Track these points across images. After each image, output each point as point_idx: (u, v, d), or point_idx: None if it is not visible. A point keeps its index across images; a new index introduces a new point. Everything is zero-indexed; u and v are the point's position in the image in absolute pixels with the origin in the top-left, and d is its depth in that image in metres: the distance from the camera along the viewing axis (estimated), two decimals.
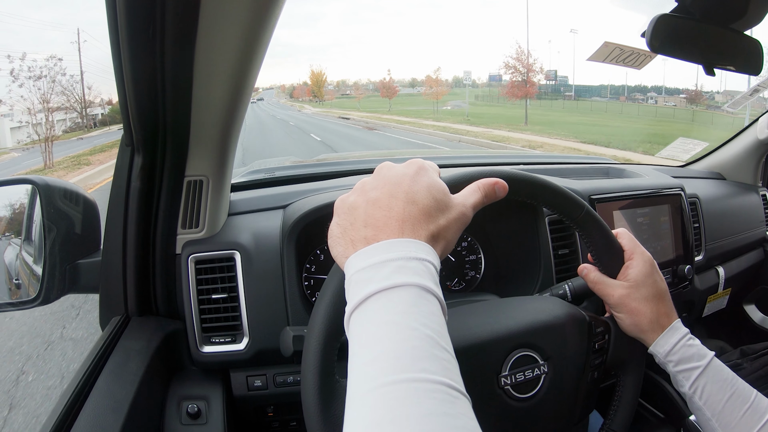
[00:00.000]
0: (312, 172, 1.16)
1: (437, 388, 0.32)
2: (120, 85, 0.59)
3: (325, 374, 0.44)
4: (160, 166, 0.71)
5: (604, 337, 0.63)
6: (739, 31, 0.68)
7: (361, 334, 0.36)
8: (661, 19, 0.65)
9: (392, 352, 0.33)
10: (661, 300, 0.61)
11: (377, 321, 0.36)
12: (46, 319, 2.97)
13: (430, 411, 0.30)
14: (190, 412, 0.69)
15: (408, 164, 0.46)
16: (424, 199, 0.42)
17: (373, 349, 0.34)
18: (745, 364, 1.37)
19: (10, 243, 0.80)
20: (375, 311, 0.36)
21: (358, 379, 0.34)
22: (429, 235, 0.41)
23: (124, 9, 0.50)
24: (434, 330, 0.35)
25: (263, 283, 0.77)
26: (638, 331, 0.61)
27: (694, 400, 0.58)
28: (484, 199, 0.48)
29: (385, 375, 0.32)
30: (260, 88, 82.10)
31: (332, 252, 0.44)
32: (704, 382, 0.57)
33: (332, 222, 0.45)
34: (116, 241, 0.73)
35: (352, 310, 0.38)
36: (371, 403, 0.31)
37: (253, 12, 0.52)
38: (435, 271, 0.39)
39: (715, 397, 0.56)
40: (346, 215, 0.44)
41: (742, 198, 1.52)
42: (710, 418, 0.56)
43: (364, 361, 0.34)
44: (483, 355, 0.55)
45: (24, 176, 0.74)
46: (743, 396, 0.56)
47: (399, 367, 0.32)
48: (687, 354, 0.58)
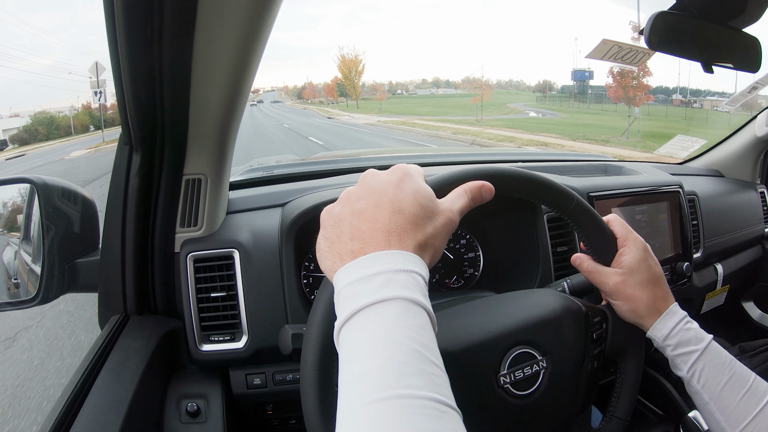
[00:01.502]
0: (310, 170, 1.16)
1: (425, 404, 0.32)
2: (118, 83, 0.59)
3: (325, 389, 0.45)
4: (158, 165, 0.71)
5: (602, 326, 0.63)
6: (738, 29, 0.68)
7: (350, 350, 0.36)
8: (659, 17, 0.65)
9: (380, 369, 0.33)
10: (656, 284, 0.61)
11: (365, 336, 0.36)
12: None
13: (417, 428, 0.30)
14: (189, 410, 0.69)
15: (392, 171, 0.45)
16: (409, 208, 0.42)
17: (361, 365, 0.34)
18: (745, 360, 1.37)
19: (9, 243, 0.80)
20: (363, 326, 0.36)
21: (348, 395, 0.34)
22: (416, 244, 0.41)
23: (122, 8, 0.49)
24: (422, 344, 0.35)
25: (262, 281, 0.77)
26: (636, 317, 0.61)
27: (693, 383, 0.58)
28: (470, 203, 0.47)
29: (373, 392, 0.32)
30: (261, 89, 73.13)
31: (321, 266, 0.43)
32: (702, 365, 0.57)
33: (319, 235, 0.45)
34: (115, 239, 0.73)
35: (341, 325, 0.38)
36: (360, 421, 0.31)
37: (250, 10, 0.51)
38: (423, 282, 0.39)
39: (713, 380, 0.56)
40: (332, 228, 0.43)
41: (741, 195, 1.52)
42: (708, 402, 0.56)
43: (353, 378, 0.34)
44: (480, 355, 0.54)
45: (22, 176, 0.73)
46: (742, 379, 0.56)
47: (387, 383, 0.32)
48: (685, 337, 0.58)
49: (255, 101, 54.76)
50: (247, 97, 0.66)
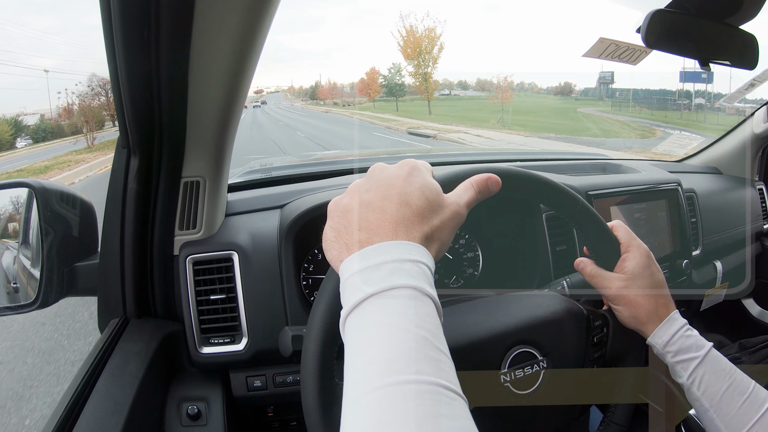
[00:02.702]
0: (308, 171, 1.16)
1: (433, 390, 0.32)
2: (115, 86, 0.59)
3: (325, 377, 0.45)
4: (156, 168, 0.71)
5: (602, 331, 0.63)
6: (735, 26, 0.68)
7: (357, 338, 0.36)
8: (656, 15, 0.65)
9: (387, 355, 0.33)
10: (658, 291, 0.61)
11: (372, 324, 0.36)
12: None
13: (426, 413, 0.30)
14: (190, 413, 0.69)
15: (400, 165, 0.46)
16: (417, 200, 0.42)
17: (368, 352, 0.34)
18: (744, 357, 1.37)
19: (8, 247, 0.80)
20: (370, 314, 0.36)
21: (354, 382, 0.34)
22: (423, 236, 0.41)
23: (119, 10, 0.49)
24: (429, 331, 0.35)
25: (261, 283, 0.77)
26: (637, 323, 0.61)
27: (693, 391, 0.58)
28: (477, 196, 0.48)
29: (381, 377, 0.32)
30: (264, 90, 68.83)
31: (327, 256, 0.44)
32: (702, 373, 0.57)
33: (326, 225, 0.45)
34: (114, 243, 0.73)
35: (347, 313, 0.38)
36: (367, 406, 0.31)
37: (247, 13, 0.51)
38: (429, 273, 0.39)
39: (713, 388, 0.57)
40: (340, 218, 0.44)
41: (739, 192, 1.52)
42: (708, 408, 0.57)
43: (360, 364, 0.34)
44: (482, 353, 0.55)
45: (20, 179, 0.73)
46: (741, 386, 0.57)
47: (394, 369, 0.32)
48: (685, 344, 0.58)
49: (258, 102, 49.12)
50: (245, 98, 0.66)
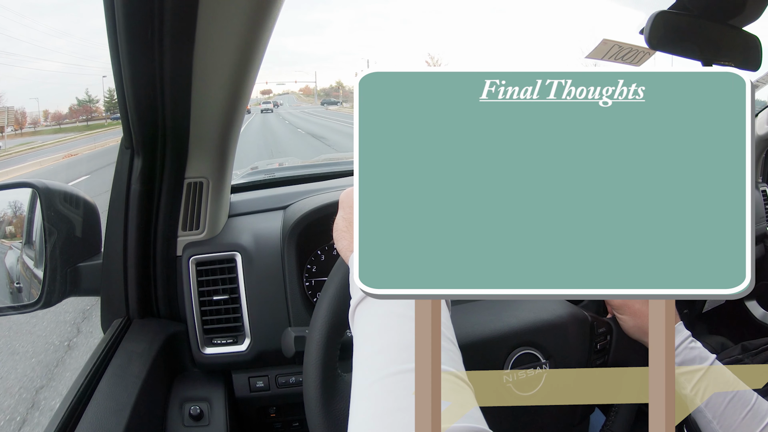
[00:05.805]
0: (312, 172, 1.16)
1: (444, 377, 0.32)
2: (119, 87, 0.59)
3: (328, 369, 0.44)
4: (159, 169, 0.71)
5: (606, 338, 0.63)
6: (738, 27, 0.68)
7: (367, 327, 0.36)
8: (659, 16, 0.64)
9: (398, 344, 0.34)
10: None
11: (382, 313, 0.36)
12: None
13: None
14: (192, 413, 0.69)
15: None
16: None
17: (378, 341, 0.34)
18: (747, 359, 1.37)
19: (11, 247, 0.80)
20: (380, 304, 0.37)
21: (364, 370, 0.34)
22: None
23: (122, 11, 0.49)
24: None
25: (264, 284, 0.77)
26: (641, 333, 0.61)
27: (696, 402, 0.58)
28: None
29: (392, 365, 0.32)
30: (272, 91, 71.82)
31: (337, 245, 0.44)
32: (706, 385, 0.57)
33: (337, 215, 0.45)
34: (117, 243, 0.73)
35: (357, 303, 0.38)
36: (378, 393, 0.31)
37: (250, 12, 0.51)
38: None
39: (716, 400, 0.57)
40: (352, 208, 0.44)
41: None
42: (711, 420, 0.57)
43: (370, 353, 0.34)
44: (485, 352, 0.55)
45: (24, 180, 0.74)
46: (744, 399, 0.57)
47: (405, 357, 0.33)
48: (689, 356, 0.59)
49: (270, 103, 42.58)
50: (248, 99, 0.67)
